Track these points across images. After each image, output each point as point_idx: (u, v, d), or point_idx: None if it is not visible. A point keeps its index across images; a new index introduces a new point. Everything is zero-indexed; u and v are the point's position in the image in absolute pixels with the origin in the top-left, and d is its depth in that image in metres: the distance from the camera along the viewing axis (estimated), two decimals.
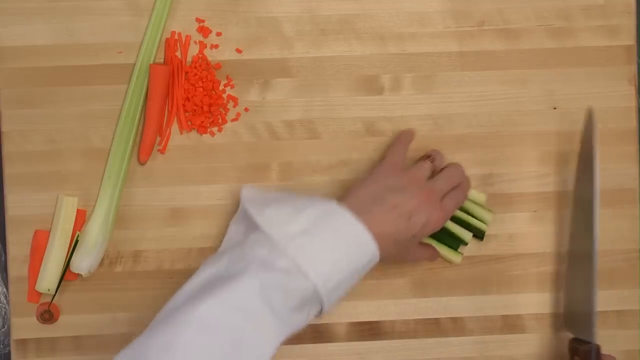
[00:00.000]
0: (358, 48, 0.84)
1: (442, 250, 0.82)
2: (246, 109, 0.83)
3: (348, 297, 0.75)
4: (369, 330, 0.83)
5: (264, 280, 0.67)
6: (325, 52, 0.84)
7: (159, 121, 0.82)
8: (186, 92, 0.82)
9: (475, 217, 0.82)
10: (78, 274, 0.80)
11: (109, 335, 0.82)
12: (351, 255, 0.70)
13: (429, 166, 0.78)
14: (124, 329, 0.82)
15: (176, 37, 0.83)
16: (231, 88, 0.83)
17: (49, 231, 0.81)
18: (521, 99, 0.84)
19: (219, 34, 0.83)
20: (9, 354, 0.82)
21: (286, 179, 0.83)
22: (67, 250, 0.80)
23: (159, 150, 0.83)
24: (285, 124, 0.84)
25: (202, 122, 0.83)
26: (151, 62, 0.82)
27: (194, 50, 0.83)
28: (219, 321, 0.66)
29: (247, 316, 0.67)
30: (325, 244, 0.70)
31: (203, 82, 0.82)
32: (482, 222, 0.82)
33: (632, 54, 0.84)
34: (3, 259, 0.84)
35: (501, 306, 0.83)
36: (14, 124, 0.82)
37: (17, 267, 0.82)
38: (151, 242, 0.83)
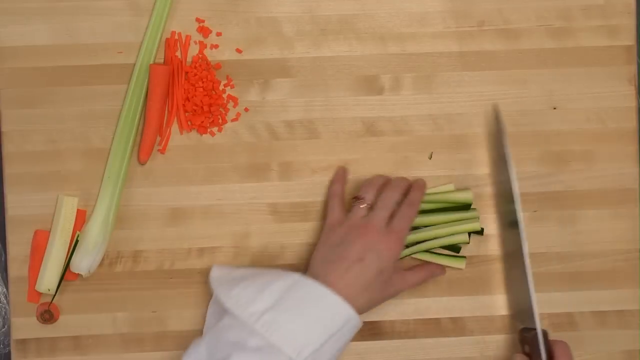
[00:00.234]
0: (358, 48, 0.84)
1: (444, 261, 0.82)
2: (246, 109, 0.83)
3: None
4: (369, 330, 0.83)
5: None
6: (325, 52, 0.84)
7: (159, 121, 0.82)
8: (186, 92, 0.82)
9: (465, 219, 0.82)
10: (78, 274, 0.80)
11: (109, 335, 0.82)
12: (323, 320, 0.72)
13: (363, 206, 0.78)
14: (124, 329, 0.82)
15: (176, 37, 0.83)
16: (231, 88, 0.83)
17: (49, 231, 0.81)
18: (521, 99, 0.84)
19: (219, 34, 0.83)
20: (9, 354, 0.82)
21: (286, 179, 0.83)
22: (67, 250, 0.80)
23: (159, 150, 0.83)
24: (285, 124, 0.84)
25: (202, 122, 0.83)
26: (151, 62, 0.82)
27: (194, 50, 0.83)
28: None
29: None
30: (294, 315, 0.71)
31: (203, 82, 0.82)
32: (474, 221, 0.81)
33: (632, 54, 0.84)
34: (3, 259, 0.84)
35: (501, 306, 0.83)
36: (14, 124, 0.82)
37: (17, 267, 0.82)
38: (151, 242, 0.83)
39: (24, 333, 0.82)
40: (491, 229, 0.83)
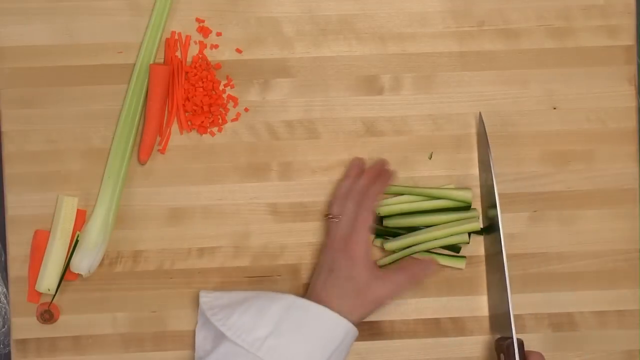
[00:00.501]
0: (358, 48, 0.84)
1: (444, 261, 0.82)
2: (246, 109, 0.83)
3: None
4: (369, 330, 0.83)
5: None
6: (325, 52, 0.84)
7: (159, 121, 0.82)
8: (186, 92, 0.82)
9: (465, 218, 0.82)
10: (78, 274, 0.80)
11: (109, 335, 0.82)
12: (324, 338, 0.73)
13: (335, 220, 0.79)
14: (124, 329, 0.82)
15: (176, 37, 0.83)
16: (231, 88, 0.83)
17: (49, 231, 0.81)
18: (521, 99, 0.84)
19: (219, 34, 0.83)
20: (9, 354, 0.82)
21: (286, 179, 0.83)
22: (67, 250, 0.80)
23: (159, 150, 0.83)
24: (285, 124, 0.84)
25: (202, 122, 0.83)
26: (151, 62, 0.82)
27: (194, 50, 0.83)
28: None
29: None
30: (295, 338, 0.73)
31: (203, 82, 0.82)
32: (473, 221, 0.81)
33: (632, 54, 0.84)
34: (3, 259, 0.84)
35: None
36: (14, 124, 0.82)
37: (17, 267, 0.82)
38: (151, 242, 0.83)
39: (24, 333, 0.82)
40: None
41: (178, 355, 0.82)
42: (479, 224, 0.81)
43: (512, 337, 0.77)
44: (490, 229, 0.81)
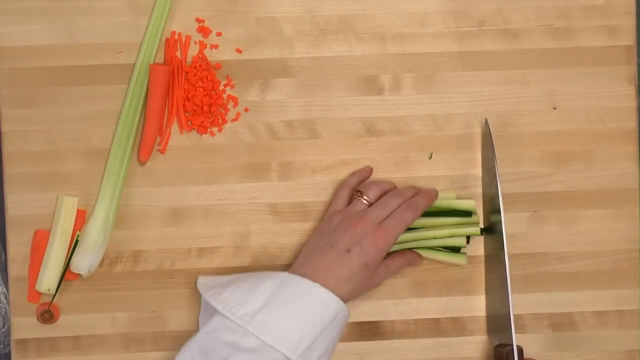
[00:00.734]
0: (358, 48, 0.84)
1: (444, 257, 0.82)
2: (246, 109, 0.83)
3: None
4: (369, 330, 0.83)
5: None
6: (325, 52, 0.84)
7: (159, 121, 0.82)
8: (186, 92, 0.82)
9: (465, 223, 0.82)
10: (78, 274, 0.80)
11: (109, 335, 0.82)
12: (314, 315, 0.72)
13: (363, 200, 0.78)
14: (124, 329, 0.82)
15: (176, 37, 0.83)
16: (231, 88, 0.83)
17: (49, 231, 0.81)
18: (521, 99, 0.84)
19: (219, 34, 0.83)
20: (9, 354, 0.82)
21: (286, 179, 0.83)
22: (67, 250, 0.80)
23: (159, 150, 0.83)
24: (285, 124, 0.84)
25: (202, 122, 0.83)
26: (151, 62, 0.82)
27: (194, 50, 0.83)
28: None
29: None
30: (285, 313, 0.72)
31: (203, 82, 0.82)
32: (473, 225, 0.81)
33: (632, 54, 0.84)
34: (3, 259, 0.84)
35: None
36: (14, 124, 0.82)
37: (17, 267, 0.82)
38: (151, 242, 0.83)
39: (24, 333, 0.82)
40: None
41: None
42: (478, 229, 0.81)
43: (511, 345, 0.76)
44: (490, 230, 0.81)
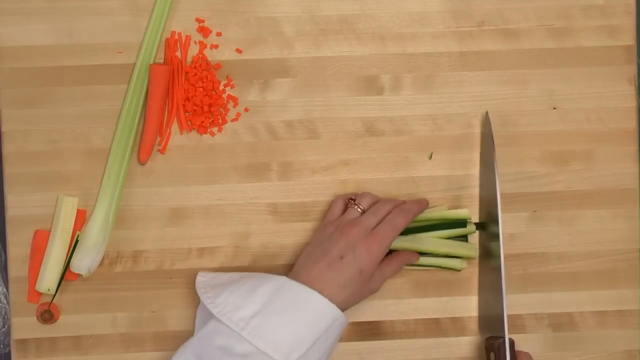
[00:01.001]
0: (358, 48, 0.84)
1: (441, 262, 0.82)
2: (246, 109, 0.83)
3: None
4: (369, 330, 0.83)
5: None
6: (325, 52, 0.84)
7: (159, 121, 0.82)
8: (186, 92, 0.82)
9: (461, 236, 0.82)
10: (78, 274, 0.80)
11: (109, 335, 0.82)
12: (310, 323, 0.72)
13: (357, 208, 0.79)
14: (124, 329, 0.82)
15: (176, 37, 0.83)
16: (231, 88, 0.83)
17: (49, 231, 0.81)
18: (521, 99, 0.84)
19: (219, 34, 0.83)
20: (9, 354, 0.83)
21: (286, 179, 0.83)
22: (67, 250, 0.80)
23: (159, 150, 0.83)
24: (285, 124, 0.84)
25: (202, 122, 0.83)
26: (151, 62, 0.82)
27: (194, 50, 0.83)
28: None
29: None
30: (281, 320, 0.71)
31: (203, 82, 0.82)
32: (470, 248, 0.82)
33: (632, 54, 0.84)
34: (3, 259, 0.84)
35: None
36: (14, 124, 0.82)
37: (17, 267, 0.82)
38: (151, 242, 0.83)
39: (24, 333, 0.82)
40: None
41: None
42: (476, 252, 0.81)
43: (503, 337, 0.76)
44: (485, 227, 0.81)
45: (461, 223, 0.81)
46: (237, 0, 0.84)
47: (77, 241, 0.80)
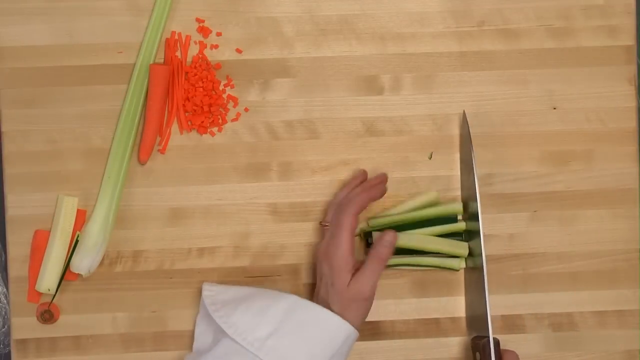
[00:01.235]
0: (358, 48, 0.84)
1: (441, 263, 0.82)
2: (246, 109, 0.83)
3: None
4: (369, 330, 0.83)
5: None
6: (325, 52, 0.84)
7: (159, 121, 0.82)
8: (186, 92, 0.82)
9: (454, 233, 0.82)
10: (78, 274, 0.80)
11: (109, 335, 0.82)
12: (324, 341, 0.73)
13: (324, 226, 0.79)
14: (124, 329, 0.82)
15: (176, 37, 0.83)
16: (231, 88, 0.83)
17: (49, 231, 0.81)
18: (521, 99, 0.84)
19: (219, 34, 0.83)
20: (9, 354, 0.83)
21: (286, 179, 0.83)
22: (67, 250, 0.80)
23: (159, 150, 0.83)
24: (285, 124, 0.84)
25: (202, 122, 0.83)
26: (151, 62, 0.82)
27: (194, 50, 0.83)
28: None
29: None
30: (295, 339, 0.72)
31: (203, 82, 0.82)
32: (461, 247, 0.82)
33: (632, 54, 0.84)
34: (3, 259, 0.84)
35: (501, 306, 0.83)
36: (14, 124, 0.82)
37: (17, 267, 0.82)
38: (151, 242, 0.83)
39: (24, 333, 0.82)
40: (489, 229, 0.83)
41: (178, 355, 0.82)
42: (466, 250, 0.81)
43: (488, 336, 0.76)
44: (468, 227, 0.81)
45: (451, 219, 0.81)
46: (237, 0, 0.84)
47: (77, 241, 0.80)
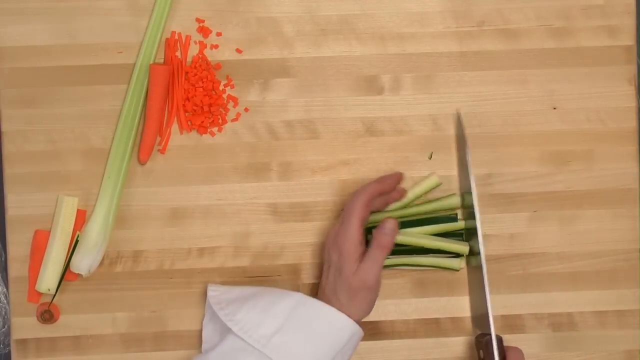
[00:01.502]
0: (358, 48, 0.84)
1: (442, 263, 0.82)
2: (246, 109, 0.83)
3: None
4: (369, 330, 0.83)
5: None
6: (325, 52, 0.84)
7: (159, 121, 0.82)
8: (186, 92, 0.82)
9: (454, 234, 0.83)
10: (78, 274, 0.80)
11: (109, 335, 0.82)
12: (330, 338, 0.73)
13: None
14: (124, 329, 0.82)
15: (176, 37, 0.83)
16: (231, 88, 0.83)
17: (49, 231, 0.82)
18: (521, 99, 0.84)
19: (219, 34, 0.83)
20: (9, 354, 0.83)
21: (286, 179, 0.83)
22: (67, 250, 0.80)
23: (159, 150, 0.83)
24: (285, 124, 0.84)
25: (202, 122, 0.83)
26: (151, 62, 0.82)
27: (194, 50, 0.83)
28: None
29: None
30: (301, 336, 0.73)
31: (203, 82, 0.82)
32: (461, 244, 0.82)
33: (632, 54, 0.84)
34: (3, 259, 0.84)
35: (501, 306, 0.83)
36: (14, 124, 0.82)
37: (17, 267, 0.82)
38: (151, 242, 0.83)
39: (24, 333, 0.82)
40: (489, 229, 0.83)
41: (178, 355, 0.82)
42: (466, 249, 0.81)
43: (490, 334, 0.77)
44: (471, 230, 0.81)
45: (451, 218, 0.81)
46: (237, 0, 0.84)
47: (77, 241, 0.80)
